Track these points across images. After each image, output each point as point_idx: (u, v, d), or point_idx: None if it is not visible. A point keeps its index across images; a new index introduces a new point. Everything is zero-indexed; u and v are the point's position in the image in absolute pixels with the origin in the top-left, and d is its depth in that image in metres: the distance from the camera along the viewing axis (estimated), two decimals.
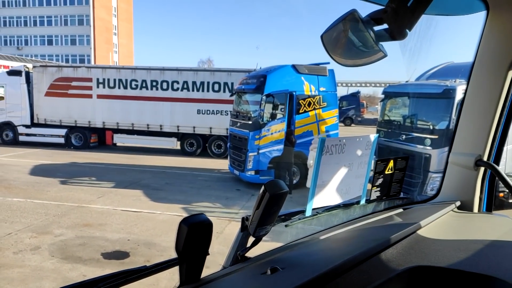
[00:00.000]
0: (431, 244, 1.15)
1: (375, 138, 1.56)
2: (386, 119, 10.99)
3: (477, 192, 1.65)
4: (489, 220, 1.51)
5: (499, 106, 1.57)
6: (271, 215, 1.07)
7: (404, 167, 1.71)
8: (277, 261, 1.02)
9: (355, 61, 1.72)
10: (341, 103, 35.32)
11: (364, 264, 0.95)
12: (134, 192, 10.08)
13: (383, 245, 1.05)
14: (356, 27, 1.44)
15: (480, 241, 1.18)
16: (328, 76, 11.73)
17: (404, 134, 9.74)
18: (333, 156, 1.36)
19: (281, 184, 1.06)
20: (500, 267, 0.97)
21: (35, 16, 57.24)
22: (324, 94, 11.63)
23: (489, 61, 1.58)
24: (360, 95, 39.47)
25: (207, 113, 16.19)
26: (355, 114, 36.82)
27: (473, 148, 1.63)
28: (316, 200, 1.35)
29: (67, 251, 6.21)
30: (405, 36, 1.43)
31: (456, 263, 0.98)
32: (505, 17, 1.52)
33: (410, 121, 10.12)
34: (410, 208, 1.62)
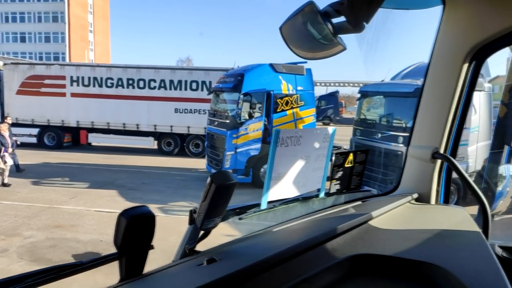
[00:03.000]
0: (381, 234, 1.15)
1: (333, 130, 1.56)
2: (362, 118, 11.14)
3: (434, 184, 1.67)
4: (444, 211, 1.53)
5: (454, 99, 1.59)
6: (218, 207, 1.04)
7: (364, 160, 1.72)
8: (222, 253, 1.00)
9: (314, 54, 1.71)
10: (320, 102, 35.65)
11: (307, 254, 0.94)
12: (108, 193, 9.88)
13: (329, 235, 1.04)
14: (314, 19, 1.43)
15: (430, 231, 1.19)
16: (305, 75, 11.80)
17: (379, 133, 9.90)
18: (288, 148, 1.35)
19: (228, 175, 1.04)
20: (442, 255, 0.98)
21: (7, 12, 55.31)
22: (302, 93, 11.69)
23: (445, 55, 1.60)
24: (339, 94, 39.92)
25: (184, 112, 16.03)
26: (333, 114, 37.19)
27: (430, 141, 1.65)
28: (272, 193, 1.34)
29: (36, 253, 6.02)
30: (362, 29, 1.43)
31: (401, 251, 0.98)
32: (461, 12, 1.54)
33: (385, 120, 10.30)
34: (368, 201, 1.63)
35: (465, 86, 1.59)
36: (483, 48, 1.52)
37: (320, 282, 0.86)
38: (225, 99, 11.88)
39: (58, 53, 55.43)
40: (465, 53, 1.52)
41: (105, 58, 62.21)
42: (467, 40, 1.51)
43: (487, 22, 1.47)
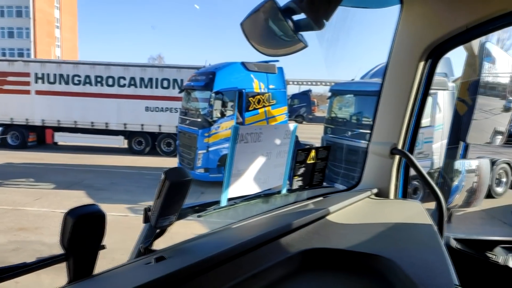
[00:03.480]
0: (338, 229, 1.17)
1: (294, 127, 1.57)
2: (333, 116, 11.33)
3: (393, 179, 1.71)
4: (401, 205, 1.57)
5: (411, 96, 1.64)
6: (173, 204, 1.02)
7: (326, 156, 1.73)
8: (175, 251, 0.98)
9: (276, 51, 1.72)
10: (293, 101, 35.95)
11: (260, 249, 0.94)
12: (75, 193, 9.58)
13: (284, 230, 1.04)
14: (275, 16, 1.43)
15: (385, 224, 1.22)
16: (277, 74, 11.86)
17: (349, 131, 10.09)
18: (248, 145, 1.34)
19: (184, 171, 1.02)
20: (392, 247, 1.00)
21: None
22: (274, 92, 11.75)
23: (402, 53, 1.64)
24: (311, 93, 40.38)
25: (156, 111, 15.77)
26: (306, 112, 37.60)
27: (389, 137, 1.69)
28: (232, 190, 1.33)
29: None
30: (322, 26, 1.44)
31: (354, 245, 1.00)
32: (417, 11, 1.59)
33: (355, 118, 10.52)
34: (330, 196, 1.65)
35: (422, 83, 1.63)
36: (438, 47, 1.57)
37: (270, 277, 0.86)
38: (196, 98, 11.78)
39: (22, 49, 53.14)
40: (421, 51, 1.57)
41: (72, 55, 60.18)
42: (423, 38, 1.56)
43: (442, 21, 1.52)
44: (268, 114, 11.69)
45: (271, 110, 11.77)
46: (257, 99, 11.37)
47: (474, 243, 1.64)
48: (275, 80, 11.80)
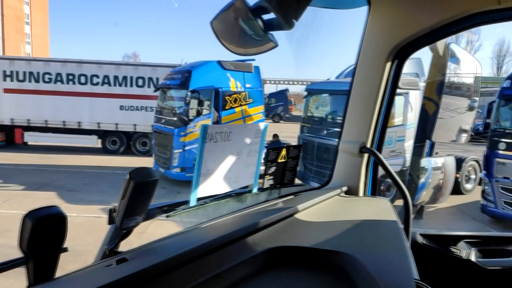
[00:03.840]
0: (306, 227, 1.18)
1: (265, 126, 1.57)
2: (309, 115, 11.44)
3: (362, 177, 1.74)
4: (369, 203, 1.61)
5: (379, 96, 1.67)
6: (139, 205, 1.01)
7: (297, 155, 1.75)
8: (140, 252, 0.97)
9: (247, 50, 1.72)
10: (270, 100, 36.11)
11: (225, 249, 0.94)
12: (46, 195, 9.30)
13: (251, 229, 1.05)
14: (245, 15, 1.42)
15: (352, 222, 1.24)
16: (253, 73, 11.89)
17: (325, 129, 10.21)
18: (218, 144, 1.33)
19: (149, 171, 1.00)
20: (356, 244, 1.02)
21: None
22: (250, 91, 11.77)
23: (370, 54, 1.68)
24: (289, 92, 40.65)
25: (130, 109, 15.48)
26: (283, 111, 37.84)
27: (358, 136, 1.72)
28: (201, 190, 1.32)
29: None
30: (292, 26, 1.45)
31: (320, 243, 1.01)
32: (384, 12, 1.62)
33: (331, 117, 10.66)
34: (301, 195, 1.66)
35: (389, 83, 1.67)
36: (405, 47, 1.61)
37: (234, 277, 0.86)
38: (172, 96, 11.66)
39: None
40: (388, 52, 1.60)
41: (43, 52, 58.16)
42: (390, 39, 1.60)
43: (408, 22, 1.56)
44: (245, 113, 11.71)
45: (247, 109, 11.78)
46: (234, 98, 11.37)
47: (440, 238, 1.69)
48: (252, 79, 11.82)
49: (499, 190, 8.40)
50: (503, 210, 8.34)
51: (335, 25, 1.76)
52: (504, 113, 8.72)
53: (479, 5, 1.38)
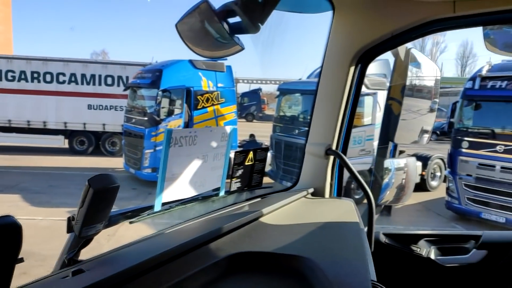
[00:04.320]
0: (270, 230, 1.20)
1: (231, 129, 1.57)
2: (281, 115, 11.54)
3: (328, 179, 1.78)
4: (333, 204, 1.64)
5: (344, 99, 1.71)
6: (99, 212, 0.99)
7: (264, 158, 1.76)
8: (97, 262, 0.95)
9: (213, 53, 1.71)
10: (243, 99, 36.11)
11: (188, 256, 0.94)
12: (10, 198, 8.92)
13: (214, 234, 1.05)
14: (210, 18, 1.42)
15: (315, 224, 1.27)
16: (225, 72, 11.86)
17: (297, 129, 10.32)
18: (183, 148, 1.32)
19: (110, 178, 0.98)
20: (317, 247, 1.05)
21: None
22: (222, 90, 11.73)
23: (334, 57, 1.71)
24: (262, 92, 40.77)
25: (99, 109, 15.07)
26: (256, 110, 37.91)
27: (324, 138, 1.76)
28: (166, 194, 1.30)
29: None
30: (257, 30, 1.46)
31: (282, 247, 1.03)
32: (348, 17, 1.66)
33: (302, 117, 10.79)
34: (268, 197, 1.68)
35: (353, 87, 1.71)
36: (367, 52, 1.65)
37: (193, 285, 0.86)
38: (143, 95, 11.47)
39: None
40: (351, 56, 1.64)
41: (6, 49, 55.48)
42: (353, 44, 1.64)
43: (370, 28, 1.61)
44: (217, 113, 11.67)
45: (220, 108, 11.75)
46: (206, 97, 11.30)
47: (401, 237, 1.75)
48: (224, 78, 11.79)
49: (462, 187, 8.77)
50: (466, 206, 8.71)
51: (308, 26, 1.79)
52: (467, 113, 9.11)
53: (436, 13, 1.44)
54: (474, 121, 8.97)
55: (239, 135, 12.45)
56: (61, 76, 14.96)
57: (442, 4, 1.42)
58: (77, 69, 15.02)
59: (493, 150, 8.38)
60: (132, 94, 11.88)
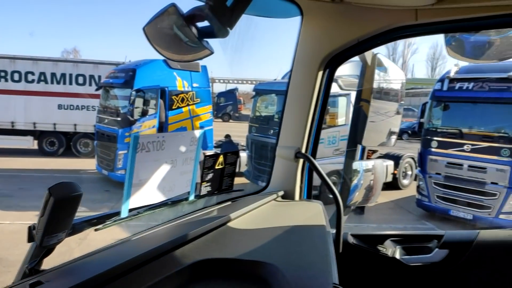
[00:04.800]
0: (238, 235, 1.20)
1: (200, 134, 1.57)
2: (257, 115, 11.58)
3: (297, 182, 1.81)
4: (302, 207, 1.67)
5: (312, 103, 1.74)
6: (61, 221, 0.97)
7: (234, 161, 1.77)
8: (57, 273, 0.93)
9: (182, 56, 1.70)
10: (219, 99, 35.98)
11: (153, 263, 0.93)
12: None
13: (181, 240, 1.05)
14: (179, 22, 1.41)
15: (283, 228, 1.29)
16: (201, 72, 11.79)
17: (272, 129, 10.37)
18: (150, 153, 1.31)
19: (72, 186, 0.97)
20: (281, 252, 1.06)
21: None
22: (198, 90, 11.66)
23: (303, 62, 1.74)
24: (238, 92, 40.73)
25: (70, 109, 14.66)
26: (232, 110, 37.82)
27: (294, 141, 1.78)
28: (133, 200, 1.29)
29: None
30: (226, 34, 1.46)
31: (249, 252, 1.04)
32: (316, 23, 1.69)
33: (278, 117, 10.85)
34: (238, 201, 1.69)
35: (321, 91, 1.75)
36: (335, 57, 1.69)
37: None
38: (116, 95, 11.26)
39: None
40: (319, 61, 1.68)
41: None
42: (321, 49, 1.67)
43: (337, 34, 1.65)
44: (193, 113, 11.58)
45: (195, 108, 11.67)
46: (181, 97, 11.20)
47: (369, 238, 1.80)
48: (199, 78, 11.72)
49: (432, 185, 9.07)
50: (435, 204, 9.01)
51: (284, 27, 1.81)
52: (436, 113, 9.42)
53: (399, 20, 1.49)
54: (442, 121, 9.28)
55: (215, 135, 12.40)
56: (30, 75, 14.45)
57: (404, 12, 1.47)
58: (46, 68, 14.55)
59: (461, 149, 8.70)
60: (104, 94, 11.63)
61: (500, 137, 8.29)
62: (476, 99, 8.59)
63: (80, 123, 14.61)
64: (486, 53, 1.76)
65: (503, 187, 8.07)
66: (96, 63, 14.89)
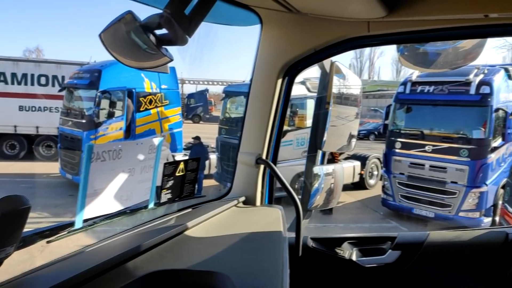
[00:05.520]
0: (195, 244, 1.21)
1: (159, 141, 1.56)
2: (227, 117, 11.58)
3: (259, 187, 1.83)
4: (262, 213, 1.70)
5: (272, 109, 1.78)
6: (8, 235, 0.94)
7: (196, 168, 1.77)
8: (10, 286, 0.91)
9: (141, 64, 1.69)
10: (189, 100, 35.64)
11: (103, 277, 0.92)
12: None
13: (133, 252, 1.04)
14: (136, 29, 1.40)
15: (240, 235, 1.31)
16: (169, 74, 11.62)
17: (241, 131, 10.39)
18: (106, 163, 1.30)
19: (19, 199, 0.94)
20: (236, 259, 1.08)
21: None
22: (166, 92, 11.52)
23: (264, 69, 1.77)
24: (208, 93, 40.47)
25: (32, 110, 14.07)
26: (203, 112, 37.54)
27: (255, 148, 1.81)
28: (88, 211, 1.27)
29: None
30: (185, 42, 1.46)
31: (203, 261, 1.05)
32: (275, 32, 1.72)
33: None
34: (199, 207, 1.69)
35: (281, 98, 1.78)
36: (293, 66, 1.73)
37: None
38: (80, 97, 10.94)
39: None
40: (278, 69, 1.71)
41: None
42: (280, 58, 1.70)
43: (295, 44, 1.69)
44: (161, 115, 11.43)
45: (164, 110, 11.52)
46: (149, 99, 11.03)
47: (327, 241, 1.85)
48: (168, 79, 11.57)
49: (396, 185, 9.39)
50: (399, 203, 9.33)
51: (254, 31, 1.82)
52: (399, 115, 9.76)
53: (353, 32, 1.55)
54: (405, 123, 9.64)
55: (185, 137, 12.28)
56: None
57: (358, 24, 1.52)
58: (6, 68, 13.90)
59: (423, 150, 9.06)
60: (68, 95, 11.27)
61: (459, 138, 8.70)
62: (436, 102, 8.98)
63: (43, 125, 14.04)
64: (436, 63, 1.86)
65: (462, 186, 8.47)
66: (59, 63, 14.38)
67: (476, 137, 8.47)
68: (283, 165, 8.33)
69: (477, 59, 1.83)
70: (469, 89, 8.46)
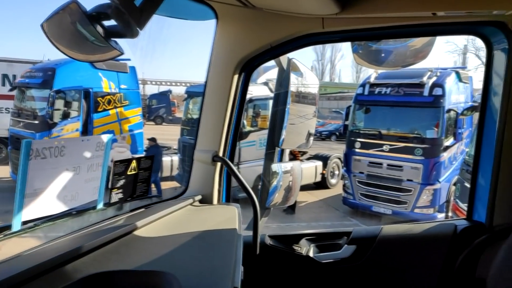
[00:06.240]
0: (144, 244, 1.16)
1: (108, 138, 1.49)
2: (189, 118, 11.40)
3: (216, 185, 1.79)
4: (218, 211, 1.66)
5: (229, 106, 1.74)
6: None
7: (149, 166, 1.70)
8: None
9: (88, 56, 1.60)
10: (151, 101, 34.86)
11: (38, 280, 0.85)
12: None
13: (73, 254, 0.97)
14: (82, 20, 1.32)
15: (192, 234, 1.27)
16: (129, 73, 11.31)
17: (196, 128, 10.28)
18: (47, 161, 1.21)
19: None
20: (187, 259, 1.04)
21: None
22: (126, 92, 11.18)
23: (219, 64, 1.73)
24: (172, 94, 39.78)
25: None
26: (165, 113, 36.82)
27: (211, 145, 1.77)
28: (27, 212, 1.18)
29: None
30: (136, 35, 1.40)
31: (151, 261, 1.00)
32: (230, 27, 1.69)
33: None
34: (153, 207, 1.63)
35: (238, 95, 1.75)
36: (249, 61, 1.71)
37: None
38: (33, 96, 10.39)
39: None
40: (234, 64, 1.68)
41: None
42: (236, 53, 1.68)
43: (251, 39, 1.67)
44: (121, 116, 11.07)
45: (123, 111, 11.16)
46: (107, 99, 10.65)
47: (285, 238, 1.84)
48: (127, 79, 11.24)
49: (356, 184, 9.64)
50: (359, 201, 9.59)
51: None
52: (358, 116, 10.05)
53: (308, 28, 1.56)
54: (364, 123, 9.93)
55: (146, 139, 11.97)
56: None
57: (312, 20, 1.53)
58: None
59: (381, 149, 9.37)
60: (20, 95, 10.65)
61: (414, 137, 9.07)
62: (392, 103, 9.33)
63: None
64: (388, 61, 1.90)
65: (417, 184, 8.83)
66: (10, 61, 13.58)
67: (429, 137, 8.86)
68: (246, 166, 8.34)
69: (427, 58, 1.90)
70: (423, 91, 8.85)
